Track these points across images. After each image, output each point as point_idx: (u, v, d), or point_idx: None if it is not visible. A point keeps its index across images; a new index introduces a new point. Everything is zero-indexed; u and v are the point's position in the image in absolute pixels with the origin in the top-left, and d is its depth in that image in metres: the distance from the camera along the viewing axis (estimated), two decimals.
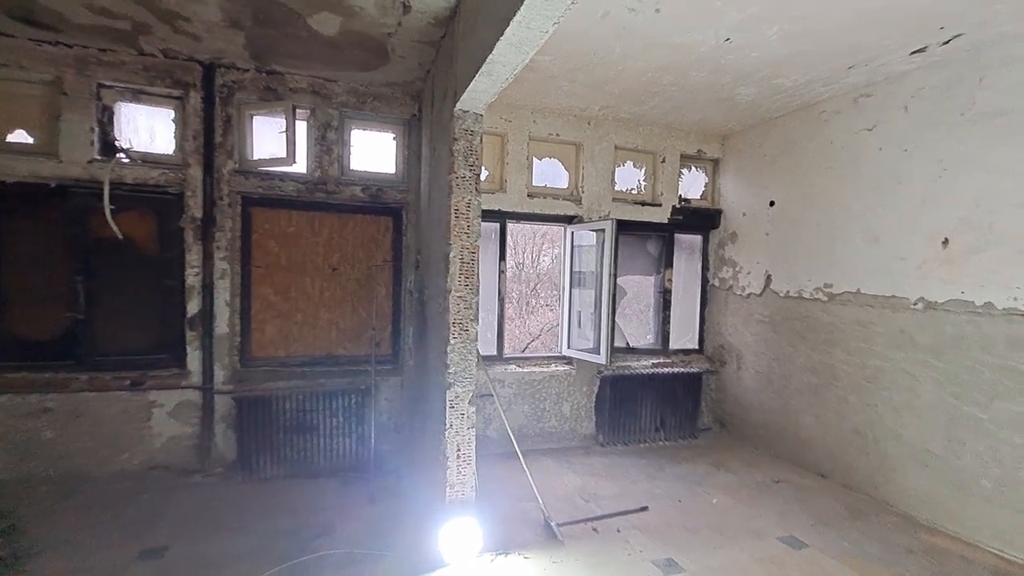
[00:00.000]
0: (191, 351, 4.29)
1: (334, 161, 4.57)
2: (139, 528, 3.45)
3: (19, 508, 3.59)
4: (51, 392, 4.01)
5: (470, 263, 3.31)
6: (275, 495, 4.01)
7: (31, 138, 3.99)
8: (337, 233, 4.73)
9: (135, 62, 4.05)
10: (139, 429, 4.20)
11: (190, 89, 4.17)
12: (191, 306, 4.26)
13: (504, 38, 2.36)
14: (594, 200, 5.32)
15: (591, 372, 5.38)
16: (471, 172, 3.28)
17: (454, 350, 3.30)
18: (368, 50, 3.93)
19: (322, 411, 4.45)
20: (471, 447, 3.46)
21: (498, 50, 2.49)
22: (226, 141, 4.28)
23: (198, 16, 3.48)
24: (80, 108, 3.96)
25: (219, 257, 4.30)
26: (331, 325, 4.77)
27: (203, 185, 4.22)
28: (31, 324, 4.10)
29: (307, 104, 4.46)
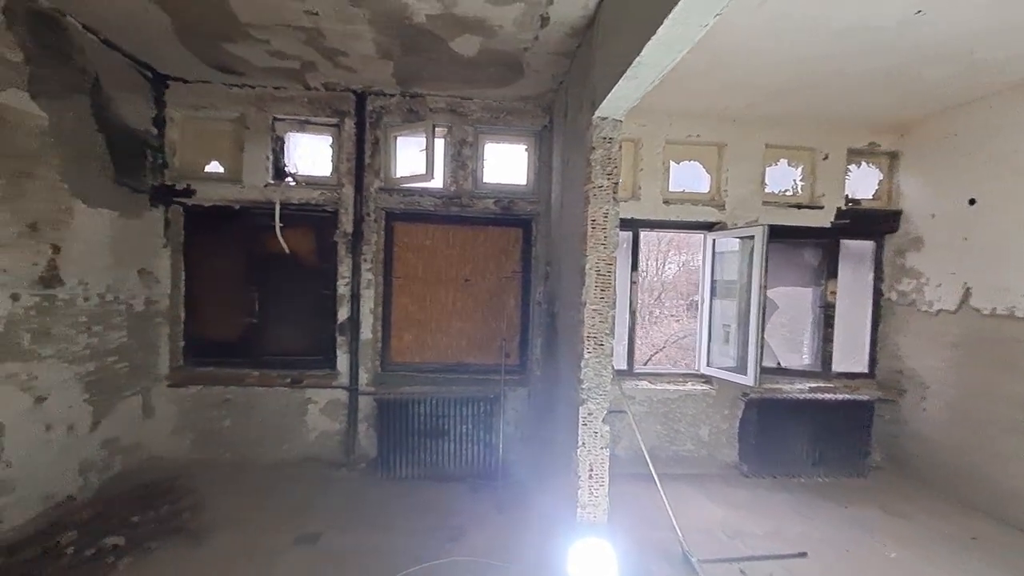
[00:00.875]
0: (340, 354, 4.67)
1: (468, 175, 4.72)
2: (296, 515, 3.79)
3: (203, 486, 4.16)
4: (230, 386, 4.62)
5: (606, 275, 3.15)
6: (411, 495, 4.18)
7: (222, 167, 4.67)
8: (469, 245, 4.87)
9: (302, 96, 4.57)
10: (297, 423, 4.66)
11: (345, 116, 4.59)
12: (341, 313, 4.65)
13: (656, 37, 2.21)
14: (739, 204, 4.84)
15: (734, 393, 4.87)
16: (609, 181, 3.13)
17: (588, 365, 3.16)
18: (504, 66, 3.99)
19: (453, 417, 4.56)
20: (604, 468, 3.28)
21: (646, 51, 2.34)
22: (374, 161, 4.63)
23: (355, 51, 3.80)
24: (259, 139, 4.56)
25: (365, 268, 4.65)
26: (462, 334, 4.91)
27: (354, 202, 4.60)
28: (217, 327, 4.77)
29: (445, 122, 4.67)
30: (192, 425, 4.61)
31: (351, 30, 3.51)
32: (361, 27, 3.46)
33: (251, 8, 3.28)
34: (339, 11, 3.29)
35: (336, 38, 3.62)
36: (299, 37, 3.63)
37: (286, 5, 3.24)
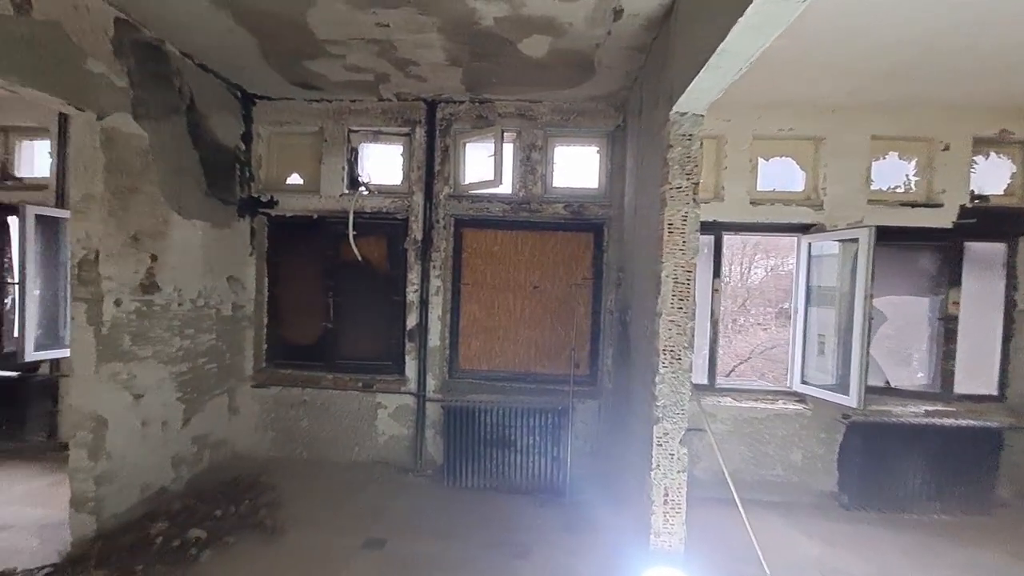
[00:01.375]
0: (409, 360, 4.71)
1: (537, 180, 4.60)
2: (365, 518, 3.82)
3: (282, 483, 4.32)
4: (307, 388, 4.80)
5: (685, 283, 2.90)
6: (477, 506, 4.10)
7: (302, 179, 4.89)
8: (538, 251, 4.74)
9: (375, 107, 4.67)
10: (368, 426, 4.75)
11: (416, 125, 4.64)
12: (410, 319, 4.69)
13: (743, 19, 1.99)
14: (839, 204, 4.34)
15: (833, 415, 4.35)
16: (688, 182, 2.88)
17: (663, 380, 2.91)
18: (573, 66, 3.84)
19: (520, 427, 4.43)
20: (681, 493, 3.01)
21: (732, 37, 2.11)
22: (443, 168, 4.64)
23: (425, 59, 3.81)
24: (335, 151, 4.72)
25: (434, 275, 4.66)
26: (530, 342, 4.78)
27: (424, 210, 4.63)
28: (297, 331, 4.99)
29: (514, 127, 4.59)
30: (272, 424, 4.83)
31: (421, 39, 3.51)
32: (431, 35, 3.46)
33: (327, 25, 3.37)
34: (409, 21, 3.31)
35: (407, 48, 3.65)
36: (372, 50, 3.70)
37: (359, 19, 3.30)
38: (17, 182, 5.11)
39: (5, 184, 5.08)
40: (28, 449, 4.95)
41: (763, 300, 15.00)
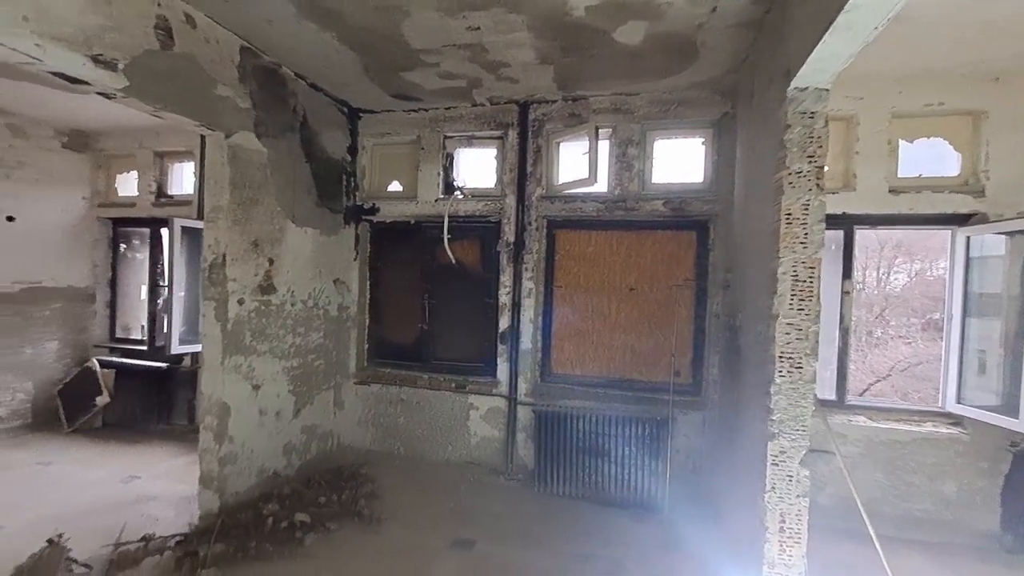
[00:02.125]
0: (501, 363, 4.68)
1: (634, 177, 4.37)
2: (455, 517, 3.85)
3: (381, 476, 4.49)
4: (404, 387, 4.96)
5: (807, 281, 2.54)
6: (568, 515, 3.96)
7: (400, 186, 5.10)
8: (635, 252, 4.50)
9: (469, 113, 4.75)
10: (460, 427, 4.79)
11: (509, 128, 4.64)
12: (502, 322, 4.67)
13: None
14: (1008, 189, 3.60)
15: (998, 442, 3.60)
16: (810, 165, 2.53)
17: (780, 391, 2.57)
18: (672, 51, 3.59)
19: (615, 436, 4.21)
20: (802, 521, 2.63)
21: None
22: (536, 170, 4.58)
23: (516, 60, 3.78)
24: (431, 158, 4.86)
25: (526, 277, 4.60)
26: (626, 348, 4.54)
27: (516, 212, 4.60)
28: (396, 332, 5.20)
29: (609, 123, 4.41)
30: (373, 420, 5.06)
31: (511, 39, 3.48)
32: (520, 34, 3.41)
33: (421, 34, 3.46)
34: (498, 22, 3.29)
35: (498, 50, 3.64)
36: (464, 55, 3.74)
37: (449, 25, 3.34)
38: (169, 199, 5.91)
39: (160, 201, 5.90)
40: (173, 431, 5.66)
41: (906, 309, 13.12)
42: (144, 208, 5.89)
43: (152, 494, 4.13)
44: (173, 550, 3.23)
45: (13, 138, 5.32)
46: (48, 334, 5.70)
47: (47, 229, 5.65)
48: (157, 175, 5.90)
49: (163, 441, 5.41)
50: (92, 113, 5.34)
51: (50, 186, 5.67)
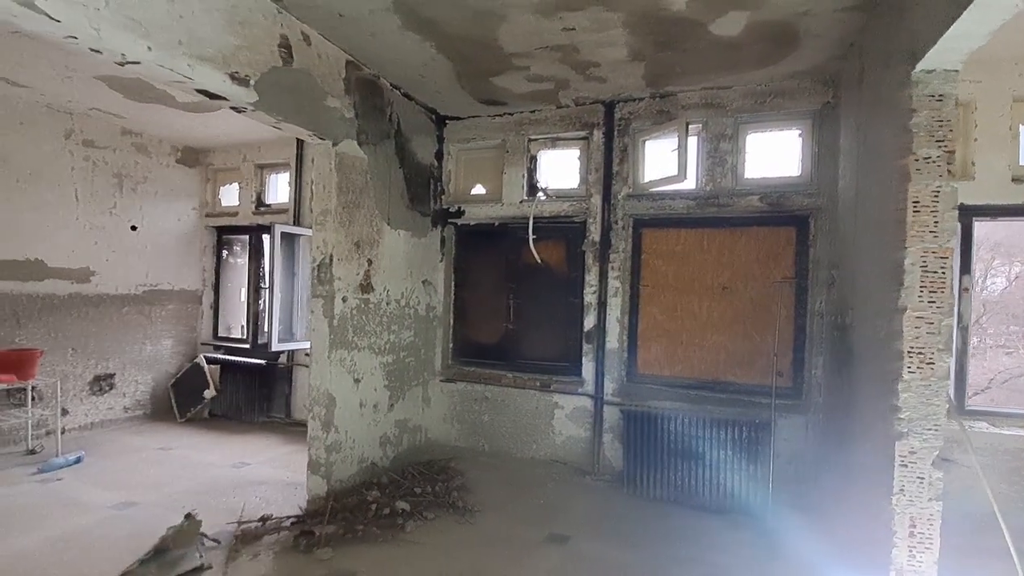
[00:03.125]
0: (586, 362, 4.68)
1: (727, 172, 4.26)
2: (546, 513, 3.88)
3: (469, 471, 4.60)
4: (489, 385, 5.06)
5: (938, 272, 2.39)
6: (660, 518, 3.89)
7: (484, 189, 5.24)
8: (727, 249, 4.38)
9: (553, 115, 4.82)
10: (545, 425, 4.82)
11: (594, 128, 4.66)
12: (588, 321, 4.67)
13: None
14: None
15: None
16: (940, 151, 2.39)
17: (910, 388, 2.42)
18: (772, 41, 3.50)
19: (708, 439, 4.10)
20: (934, 527, 2.47)
21: None
22: (622, 168, 4.58)
23: (607, 58, 3.81)
24: (516, 161, 4.97)
25: (612, 276, 4.58)
26: (719, 348, 4.41)
27: (602, 211, 4.61)
28: (480, 331, 5.32)
29: (699, 118, 4.33)
30: (458, 416, 5.19)
31: (604, 38, 3.51)
32: (615, 31, 3.43)
33: (516, 38, 3.56)
34: (594, 21, 3.33)
35: (589, 49, 3.68)
36: (555, 57, 3.81)
37: (544, 28, 3.42)
38: (267, 208, 6.36)
39: (259, 210, 6.36)
40: (272, 423, 6.05)
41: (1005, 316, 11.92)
42: (246, 216, 6.38)
43: (262, 479, 4.44)
44: (290, 529, 3.45)
45: (138, 155, 5.93)
46: (164, 332, 6.27)
47: (164, 237, 6.23)
48: (257, 186, 6.37)
49: (264, 431, 5.80)
50: (203, 131, 5.85)
51: (166, 198, 6.26)
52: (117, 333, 5.77)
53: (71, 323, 5.36)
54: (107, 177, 5.63)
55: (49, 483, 4.19)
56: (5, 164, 4.83)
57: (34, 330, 5.07)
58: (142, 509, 3.78)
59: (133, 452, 5.00)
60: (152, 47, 2.52)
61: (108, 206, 5.65)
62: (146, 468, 4.61)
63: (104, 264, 5.63)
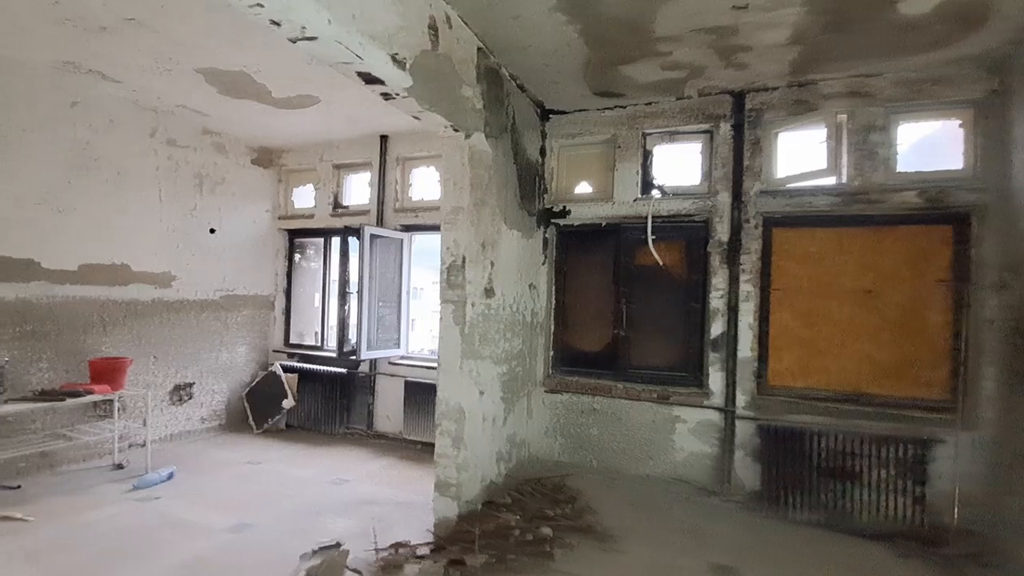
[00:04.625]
0: (713, 372, 4.35)
1: (878, 166, 3.94)
2: (691, 539, 3.54)
3: (586, 490, 4.26)
4: (597, 396, 4.74)
5: None
6: (817, 544, 3.54)
7: (590, 188, 4.94)
8: (871, 250, 4.05)
9: (672, 108, 4.52)
10: (664, 440, 4.49)
11: (720, 120, 4.36)
12: (714, 328, 4.35)
13: None
14: None
15: None
16: None
17: None
18: (957, 22, 3.19)
19: (864, 457, 3.77)
20: None
21: None
22: (753, 163, 4.26)
23: (762, 41, 3.51)
24: (628, 157, 4.67)
25: (744, 280, 4.26)
26: (861, 358, 4.07)
27: (731, 209, 4.29)
28: (582, 338, 5.00)
29: (842, 108, 4.02)
30: (562, 430, 4.87)
31: (773, 18, 3.21)
32: (788, 10, 3.12)
33: (675, 20, 3.26)
34: None
35: (748, 32, 3.38)
36: (705, 40, 3.52)
37: (713, 6, 3.11)
38: (344, 209, 6.11)
39: (337, 211, 6.11)
40: (353, 435, 5.77)
41: None
42: (322, 219, 6.13)
43: (367, 497, 4.15)
44: (431, 557, 3.15)
45: (217, 155, 5.70)
46: (239, 340, 6.02)
47: (239, 240, 5.99)
48: (334, 186, 6.13)
49: (346, 444, 5.52)
50: (283, 130, 5.62)
51: (243, 200, 6.02)
52: (196, 340, 5.53)
53: (153, 330, 5.12)
54: (188, 178, 5.41)
55: (149, 502, 3.93)
56: (96, 163, 4.61)
57: (119, 337, 4.83)
58: (259, 532, 3.50)
59: (222, 467, 4.73)
60: (331, 20, 2.25)
61: (189, 208, 5.42)
62: (242, 485, 4.33)
63: (184, 268, 5.39)
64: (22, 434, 4.19)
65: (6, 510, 3.63)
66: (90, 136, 4.57)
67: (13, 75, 4.07)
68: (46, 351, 4.33)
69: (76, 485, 4.18)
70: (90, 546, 3.23)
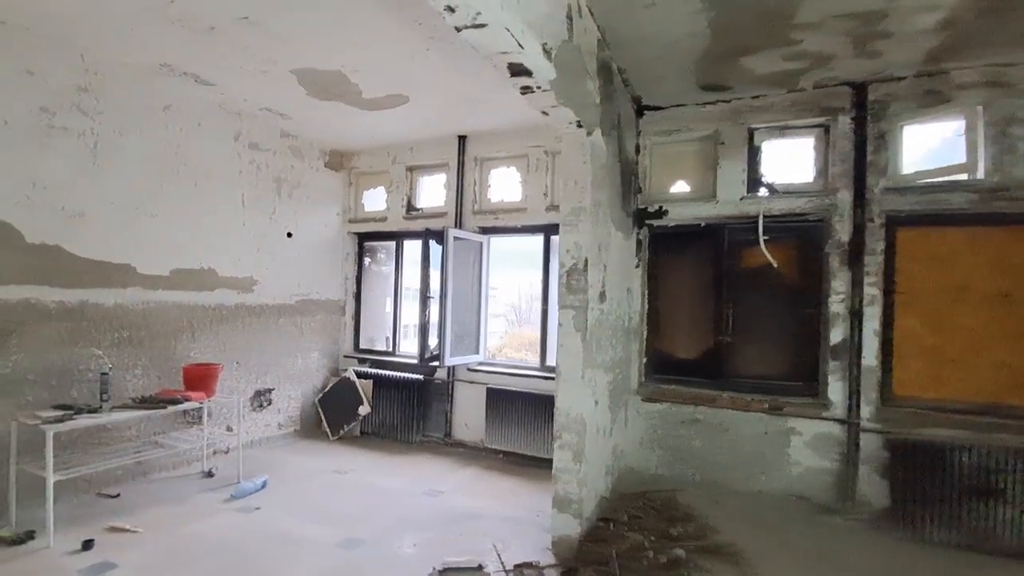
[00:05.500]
0: (832, 381, 4.09)
1: (1018, 160, 3.65)
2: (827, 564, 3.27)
3: (696, 506, 4.02)
4: (700, 406, 4.51)
5: None
6: (963, 567, 3.26)
7: (688, 187, 4.72)
8: (1008, 251, 3.76)
9: (781, 101, 4.28)
10: (777, 454, 4.24)
11: (837, 113, 4.11)
12: (834, 334, 4.09)
13: None
14: None
15: None
16: None
17: None
18: None
19: (1009, 473, 3.48)
20: None
21: None
22: (877, 159, 4.00)
23: (910, 27, 3.25)
24: (732, 153, 4.44)
25: (868, 283, 4.00)
26: (999, 366, 3.77)
27: (852, 207, 4.03)
28: (678, 345, 4.77)
29: (978, 99, 3.74)
30: (660, 441, 4.65)
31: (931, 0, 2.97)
32: None
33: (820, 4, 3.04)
34: None
35: (899, 16, 3.13)
36: (846, 27, 3.28)
37: None
38: (418, 211, 5.99)
39: (411, 214, 5.99)
40: (430, 443, 5.62)
41: None
42: (396, 221, 6.01)
43: (467, 510, 3.98)
44: None
45: (294, 159, 5.63)
46: (312, 345, 5.93)
47: (313, 244, 5.91)
48: (408, 189, 6.01)
49: (424, 452, 5.37)
50: (357, 132, 5.53)
51: (316, 204, 5.95)
52: (275, 346, 5.45)
53: (236, 335, 5.04)
54: (268, 182, 5.34)
55: (249, 513, 3.81)
56: (185, 167, 4.55)
57: (205, 343, 4.76)
58: (371, 549, 3.34)
59: (310, 475, 4.61)
60: (503, 6, 2.09)
61: (268, 212, 5.35)
62: (335, 495, 4.21)
63: (264, 273, 5.32)
64: (120, 442, 4.13)
65: (113, 520, 3.55)
66: (181, 140, 4.51)
67: (110, 78, 4.02)
68: (140, 358, 4.27)
69: (173, 494, 4.10)
70: (204, 561, 3.11)
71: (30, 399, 3.63)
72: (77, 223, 3.86)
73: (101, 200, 3.99)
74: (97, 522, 3.55)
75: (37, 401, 3.65)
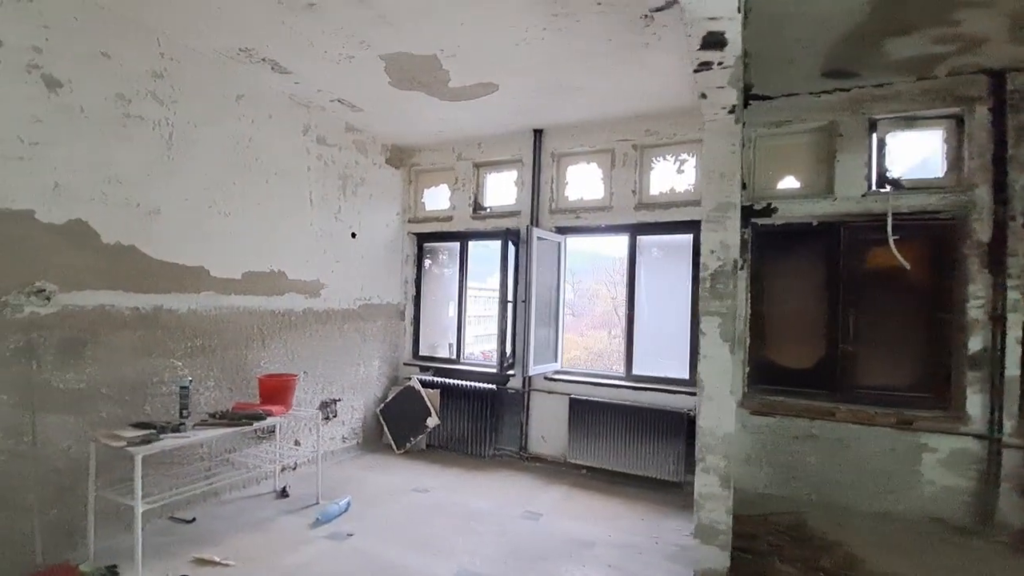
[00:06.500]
0: (971, 393, 3.77)
1: None
2: None
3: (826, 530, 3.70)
4: (815, 419, 4.18)
5: None
6: None
7: (797, 182, 4.40)
8: None
9: (908, 90, 3.97)
10: (907, 472, 3.91)
11: (974, 103, 3.80)
12: (973, 342, 3.77)
13: None
14: None
15: None
16: None
17: None
18: None
19: None
20: None
21: None
22: (1018, 152, 3.69)
23: None
24: (852, 146, 4.13)
25: (1012, 287, 3.68)
26: None
27: (991, 205, 3.72)
28: (786, 353, 4.44)
29: None
30: (768, 457, 4.32)
31: None
32: None
33: None
34: None
35: None
36: (1015, 7, 2.97)
37: None
38: (486, 211, 5.64)
39: (478, 213, 5.64)
40: (503, 457, 5.27)
41: None
42: (462, 221, 5.67)
43: (577, 536, 3.64)
44: None
45: (358, 154, 5.29)
46: (374, 352, 5.58)
47: (375, 245, 5.57)
48: (474, 187, 5.67)
49: (503, 468, 5.02)
50: (420, 126, 5.19)
51: (378, 202, 5.60)
52: (339, 353, 5.09)
53: (303, 342, 4.69)
54: (334, 179, 4.99)
55: (342, 541, 3.46)
56: (256, 162, 4.20)
57: (274, 351, 4.41)
58: None
59: (390, 495, 4.26)
60: None
61: (334, 211, 5.00)
62: (426, 518, 3.85)
63: (330, 275, 4.97)
64: (193, 461, 3.78)
65: (197, 551, 3.20)
66: (253, 132, 4.17)
67: (184, 64, 3.66)
68: (213, 368, 3.92)
69: (251, 517, 3.75)
70: None
71: (104, 415, 3.27)
72: (152, 221, 3.51)
73: (175, 197, 3.64)
74: (180, 552, 3.21)
75: (111, 418, 3.29)
